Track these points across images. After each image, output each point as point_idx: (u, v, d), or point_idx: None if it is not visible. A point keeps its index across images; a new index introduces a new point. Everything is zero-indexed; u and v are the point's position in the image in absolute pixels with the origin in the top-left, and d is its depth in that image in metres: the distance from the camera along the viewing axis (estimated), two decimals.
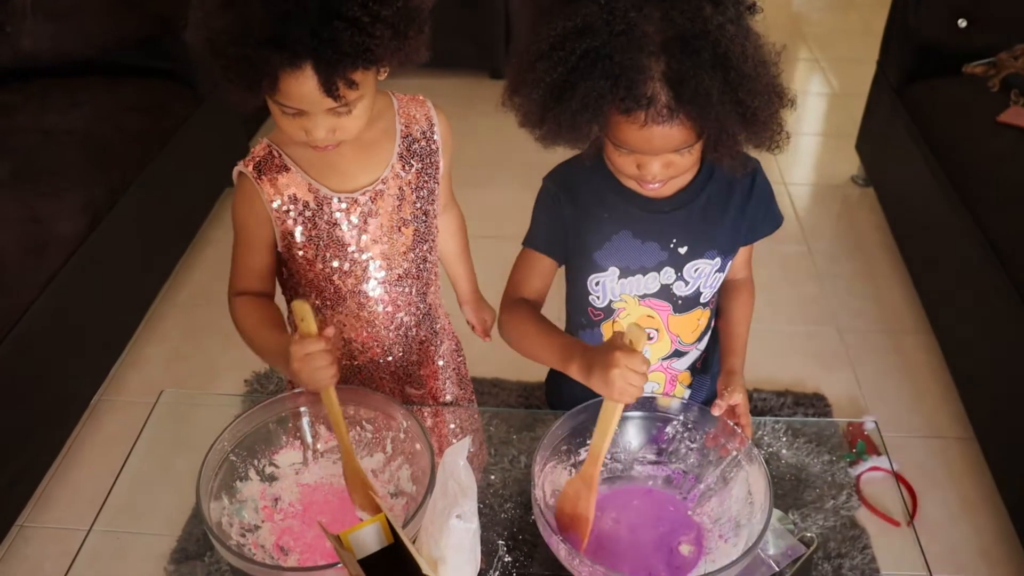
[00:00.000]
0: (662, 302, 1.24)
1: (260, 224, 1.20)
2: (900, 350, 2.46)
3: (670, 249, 1.19)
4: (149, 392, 1.38)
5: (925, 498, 1.99)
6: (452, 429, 1.40)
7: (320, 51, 0.97)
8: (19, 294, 1.93)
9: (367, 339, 1.32)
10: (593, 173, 1.19)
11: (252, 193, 1.18)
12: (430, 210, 1.27)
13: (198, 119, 2.80)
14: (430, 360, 1.41)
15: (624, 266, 1.21)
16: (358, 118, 1.09)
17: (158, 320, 2.58)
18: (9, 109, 2.50)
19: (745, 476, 1.09)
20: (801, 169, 3.48)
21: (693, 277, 1.22)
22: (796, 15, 5.14)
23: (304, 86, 1.00)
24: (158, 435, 1.33)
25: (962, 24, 2.65)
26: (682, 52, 0.95)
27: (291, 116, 1.06)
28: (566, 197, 1.20)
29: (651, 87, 0.96)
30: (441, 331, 1.42)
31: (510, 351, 1.22)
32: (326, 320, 1.28)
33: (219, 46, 0.98)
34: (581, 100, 0.98)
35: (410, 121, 1.24)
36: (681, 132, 1.00)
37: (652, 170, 1.06)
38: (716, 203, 1.19)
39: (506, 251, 1.31)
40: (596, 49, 0.96)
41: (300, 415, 1.18)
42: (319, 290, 1.27)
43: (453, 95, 3.42)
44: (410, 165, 1.23)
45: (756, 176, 1.22)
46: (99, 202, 2.25)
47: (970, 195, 2.25)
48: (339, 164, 1.19)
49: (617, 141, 1.04)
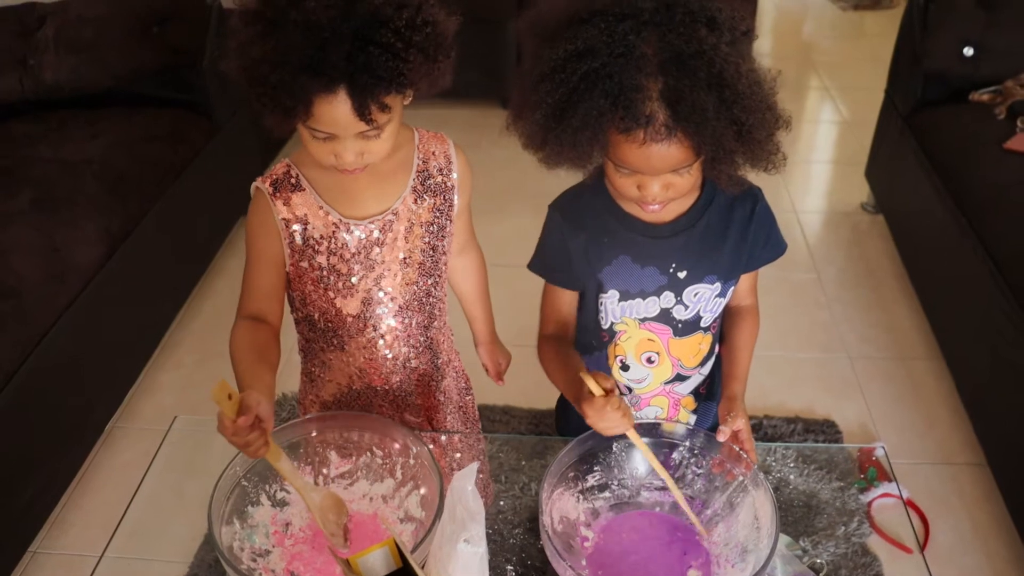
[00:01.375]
0: (662, 326, 1.25)
1: (270, 240, 1.22)
2: (910, 376, 2.46)
3: (669, 274, 1.21)
4: (163, 419, 1.40)
5: (937, 525, 1.98)
6: (457, 458, 1.40)
7: (355, 76, 1.00)
8: (38, 321, 1.96)
9: (365, 365, 1.34)
10: (595, 198, 1.21)
11: (265, 208, 1.21)
12: (439, 246, 1.29)
13: (214, 149, 2.84)
14: (430, 393, 1.42)
15: (624, 289, 1.23)
16: (386, 141, 1.12)
17: (173, 347, 2.61)
18: (30, 140, 2.55)
19: (751, 501, 1.10)
20: (811, 196, 3.49)
21: (693, 301, 1.23)
22: (806, 44, 5.18)
23: (337, 110, 1.03)
24: (171, 461, 1.35)
25: (968, 53, 2.67)
26: (679, 71, 0.98)
27: (321, 140, 1.09)
28: (570, 225, 1.22)
29: (649, 106, 0.99)
30: (444, 366, 1.43)
31: (520, 379, 1.24)
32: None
33: (256, 74, 1.01)
34: (582, 119, 1.01)
35: (428, 156, 1.26)
36: (679, 151, 1.03)
37: (652, 191, 1.08)
38: (716, 229, 1.21)
39: (518, 280, 1.33)
40: (596, 70, 0.99)
41: (312, 441, 1.20)
42: (322, 312, 1.29)
43: (465, 124, 3.45)
44: (423, 199, 1.25)
45: (757, 203, 1.23)
46: (116, 230, 2.28)
47: (978, 221, 2.26)
48: (353, 191, 1.21)
49: (617, 161, 1.07)
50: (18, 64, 2.65)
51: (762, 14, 5.50)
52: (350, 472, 1.20)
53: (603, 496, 1.18)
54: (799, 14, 5.75)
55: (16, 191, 2.25)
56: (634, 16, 0.99)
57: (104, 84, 2.72)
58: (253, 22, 1.02)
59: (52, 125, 2.64)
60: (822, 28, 5.51)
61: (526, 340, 1.37)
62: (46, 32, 2.65)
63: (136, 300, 2.40)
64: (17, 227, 2.12)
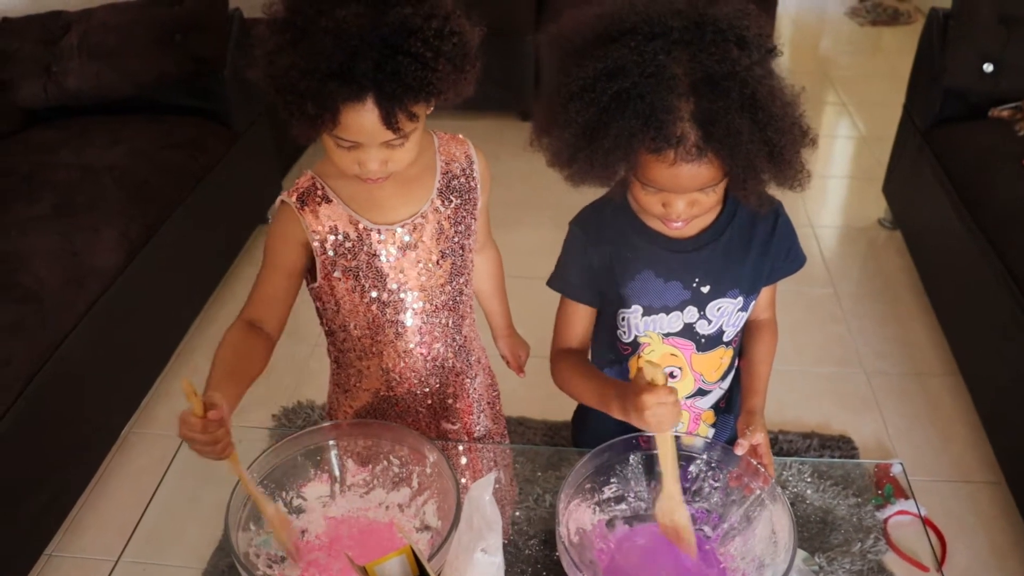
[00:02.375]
0: (685, 341, 1.25)
1: (291, 249, 1.22)
2: (927, 393, 2.45)
3: (693, 288, 1.21)
4: None
5: (954, 543, 1.97)
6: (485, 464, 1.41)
7: (383, 84, 1.01)
8: (58, 324, 1.97)
9: (403, 369, 1.34)
10: (617, 214, 1.21)
11: (292, 220, 1.21)
12: (466, 244, 1.30)
13: (233, 157, 2.87)
14: (465, 393, 1.43)
15: (647, 304, 1.22)
16: (410, 150, 1.13)
17: (189, 353, 2.62)
18: (53, 146, 2.58)
19: (769, 515, 1.09)
20: (828, 212, 3.48)
21: (716, 316, 1.23)
22: (823, 59, 5.18)
23: (364, 119, 1.04)
24: (187, 467, 1.35)
25: (988, 69, 2.66)
26: (712, 93, 0.97)
27: (346, 149, 1.10)
28: (592, 241, 1.22)
29: (681, 127, 0.98)
30: (476, 363, 1.44)
31: (536, 390, 1.24)
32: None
33: (285, 82, 1.02)
34: (613, 140, 1.00)
35: (450, 159, 1.27)
36: (709, 171, 1.03)
37: (677, 208, 1.08)
38: (738, 243, 1.21)
39: (537, 291, 1.33)
40: (627, 90, 0.98)
41: (328, 448, 1.20)
42: (357, 320, 1.29)
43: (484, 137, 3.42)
44: (449, 200, 1.26)
45: (779, 217, 1.23)
46: (136, 236, 2.30)
47: (996, 238, 2.25)
48: (380, 198, 1.22)
49: (645, 180, 1.07)
50: (43, 71, 2.68)
51: (780, 29, 5.49)
52: (366, 480, 1.21)
53: (619, 508, 1.18)
54: (816, 29, 5.74)
55: (38, 196, 2.27)
56: (664, 35, 0.98)
57: (126, 91, 2.75)
58: (282, 31, 1.02)
59: (74, 131, 2.67)
60: (840, 43, 5.50)
61: (542, 352, 1.37)
62: (70, 39, 2.68)
63: (154, 306, 2.42)
64: (38, 232, 2.14)
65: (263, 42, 1.04)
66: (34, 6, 2.88)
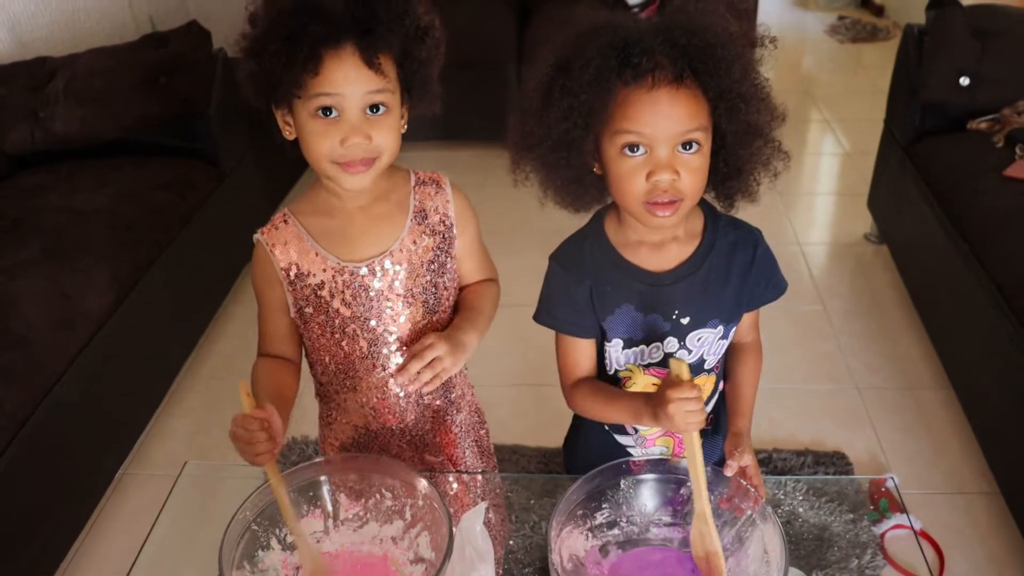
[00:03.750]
0: (667, 371, 1.26)
1: (273, 288, 1.25)
2: (919, 406, 2.45)
3: (672, 320, 1.21)
4: (173, 465, 1.41)
5: (952, 555, 1.97)
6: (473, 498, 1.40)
7: (359, 22, 1.08)
8: (48, 368, 1.97)
9: (378, 404, 1.34)
10: (595, 249, 1.22)
11: (265, 259, 1.24)
12: (440, 283, 1.30)
13: (220, 196, 2.88)
14: (446, 429, 1.42)
15: (628, 337, 1.23)
16: (390, 132, 1.15)
17: (182, 393, 2.62)
18: (41, 190, 2.59)
19: (760, 535, 1.10)
20: (815, 229, 3.51)
21: (696, 346, 1.24)
22: (806, 77, 5.23)
23: (345, 62, 1.09)
24: (182, 507, 1.35)
25: (964, 82, 2.69)
26: (686, 38, 1.04)
27: (326, 126, 1.12)
28: (573, 275, 1.22)
29: (656, 59, 1.04)
30: (458, 399, 1.43)
31: (528, 418, 1.24)
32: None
33: (266, 41, 1.09)
34: (593, 73, 1.04)
35: (424, 197, 1.28)
36: (689, 106, 1.05)
37: (663, 178, 1.06)
38: (718, 274, 1.21)
39: (526, 320, 1.33)
40: (608, 41, 1.05)
41: (321, 484, 1.20)
42: (331, 355, 1.30)
43: (468, 166, 3.50)
44: (421, 239, 1.26)
45: (758, 246, 1.24)
46: (125, 278, 2.31)
47: (980, 249, 2.27)
48: (351, 234, 1.23)
49: (626, 124, 1.06)
50: (29, 117, 2.70)
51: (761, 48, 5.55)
52: (360, 514, 1.21)
53: (612, 533, 1.18)
54: (798, 48, 5.81)
55: (27, 241, 2.28)
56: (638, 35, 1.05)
57: (113, 134, 2.77)
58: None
59: (62, 175, 2.68)
60: (821, 61, 5.57)
61: (534, 379, 1.38)
62: (56, 85, 2.70)
63: (145, 346, 2.42)
64: (28, 276, 2.15)
65: (244, 36, 1.12)
66: (20, 52, 2.91)
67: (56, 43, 3.12)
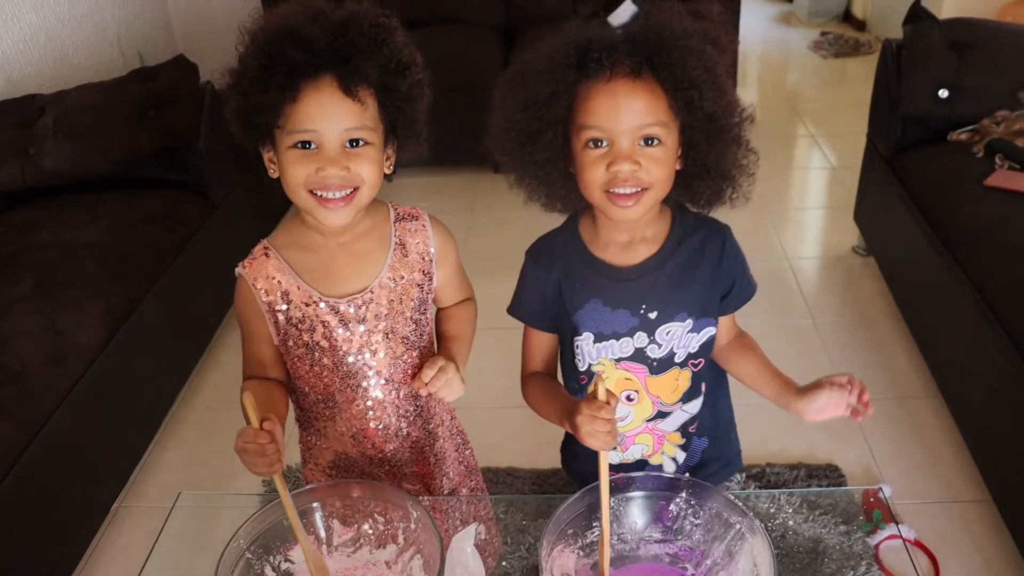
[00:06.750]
0: (638, 365, 1.28)
1: (257, 319, 1.26)
2: (911, 416, 2.47)
3: (640, 315, 1.24)
4: (168, 497, 1.41)
5: (947, 564, 1.97)
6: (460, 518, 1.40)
7: (338, 52, 1.09)
8: (41, 403, 1.98)
9: (357, 434, 1.35)
10: (567, 244, 1.27)
11: (247, 292, 1.25)
12: (421, 319, 1.31)
13: (211, 227, 2.89)
14: (424, 459, 1.42)
15: (597, 331, 1.26)
16: (370, 166, 1.16)
17: (176, 425, 2.62)
18: (32, 226, 2.60)
19: (750, 548, 1.11)
20: (804, 243, 3.54)
21: (665, 340, 1.26)
22: (791, 93, 5.28)
23: (323, 94, 1.10)
24: (176, 537, 1.35)
25: (944, 95, 2.73)
26: (640, 30, 1.10)
27: (301, 157, 1.13)
28: (545, 270, 1.27)
29: (615, 56, 1.08)
30: (436, 429, 1.42)
31: (522, 440, 1.25)
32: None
33: (248, 70, 1.11)
34: (547, 64, 1.10)
35: (404, 233, 1.29)
36: (647, 101, 1.09)
37: (622, 168, 1.10)
38: (686, 268, 1.24)
39: (513, 342, 1.35)
40: (569, 41, 1.10)
41: (313, 511, 1.21)
42: (311, 386, 1.31)
43: (458, 190, 3.52)
44: (401, 276, 1.27)
45: (726, 242, 1.27)
46: (117, 312, 2.32)
47: (964, 258, 2.29)
48: (332, 269, 1.25)
49: (586, 119, 1.11)
50: (20, 154, 2.71)
51: (746, 66, 5.62)
52: (353, 539, 1.21)
53: None
54: (782, 64, 5.87)
55: (18, 277, 2.29)
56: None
57: (103, 169, 2.78)
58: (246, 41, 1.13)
59: (53, 211, 2.69)
60: (806, 77, 5.62)
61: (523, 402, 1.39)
62: (46, 121, 2.72)
63: (138, 379, 2.42)
64: (19, 313, 2.15)
65: (231, 71, 1.13)
66: (10, 90, 2.94)
67: (45, 80, 3.15)
